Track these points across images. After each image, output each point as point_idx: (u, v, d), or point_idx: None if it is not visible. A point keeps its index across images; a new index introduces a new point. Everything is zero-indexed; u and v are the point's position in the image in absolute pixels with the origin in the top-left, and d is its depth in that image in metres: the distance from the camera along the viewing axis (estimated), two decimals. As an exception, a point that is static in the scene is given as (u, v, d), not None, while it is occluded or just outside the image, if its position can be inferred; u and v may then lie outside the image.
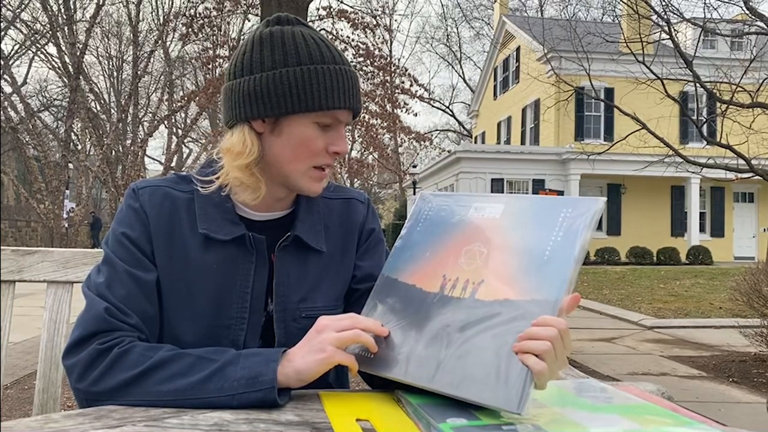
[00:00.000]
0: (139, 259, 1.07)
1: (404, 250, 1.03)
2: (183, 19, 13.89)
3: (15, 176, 22.56)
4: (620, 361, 6.24)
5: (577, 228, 0.88)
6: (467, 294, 0.90)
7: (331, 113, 1.08)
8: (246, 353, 0.93)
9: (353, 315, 0.96)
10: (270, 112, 1.07)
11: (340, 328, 0.92)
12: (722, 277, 13.43)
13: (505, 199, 0.98)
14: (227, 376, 0.89)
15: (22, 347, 5.98)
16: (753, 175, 7.88)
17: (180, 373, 0.91)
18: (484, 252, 0.93)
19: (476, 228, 0.97)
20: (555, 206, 0.92)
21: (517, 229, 0.93)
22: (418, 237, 1.02)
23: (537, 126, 23.42)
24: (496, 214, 0.96)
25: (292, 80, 1.06)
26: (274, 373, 0.88)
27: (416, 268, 0.99)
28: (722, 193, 21.98)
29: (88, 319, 0.99)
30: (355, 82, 1.12)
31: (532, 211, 0.93)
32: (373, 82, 13.07)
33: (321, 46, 1.10)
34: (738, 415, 4.45)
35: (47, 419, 0.82)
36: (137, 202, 1.11)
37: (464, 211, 1.00)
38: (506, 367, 0.81)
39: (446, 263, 0.96)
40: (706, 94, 8.21)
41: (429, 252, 0.99)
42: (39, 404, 1.36)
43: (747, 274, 6.15)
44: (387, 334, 0.93)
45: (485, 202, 0.99)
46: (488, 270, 0.91)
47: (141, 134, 20.69)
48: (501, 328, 0.85)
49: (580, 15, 29.30)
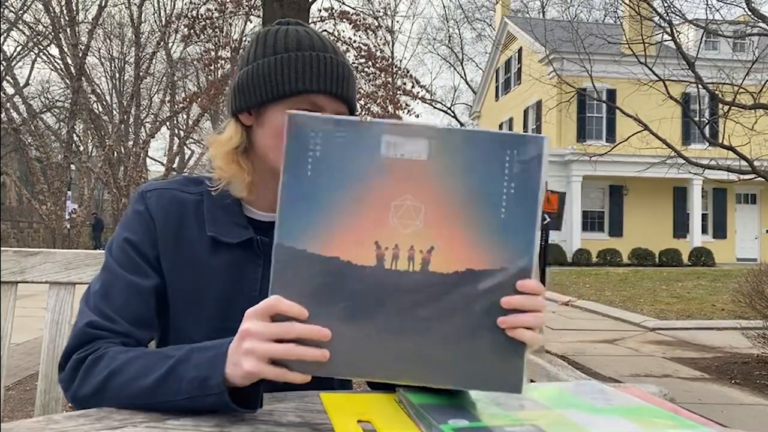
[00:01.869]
0: (139, 264, 1.07)
1: (298, 205, 0.76)
2: (185, 20, 13.88)
3: (17, 177, 22.57)
4: (622, 362, 6.23)
5: (533, 177, 0.75)
6: (417, 266, 0.75)
7: (306, 97, 1.07)
8: (200, 347, 0.86)
9: (287, 323, 0.76)
10: (249, 102, 1.10)
11: (269, 337, 0.76)
12: (724, 278, 13.40)
13: (425, 131, 0.75)
14: (180, 376, 0.83)
15: (23, 348, 5.99)
16: (755, 176, 7.87)
17: (141, 374, 0.87)
18: (420, 208, 0.75)
19: (399, 174, 0.75)
20: (496, 143, 0.75)
21: (456, 176, 0.75)
22: (312, 186, 0.75)
23: (539, 127, 23.40)
24: (422, 154, 0.74)
25: (266, 69, 1.08)
26: (221, 376, 0.80)
27: (329, 233, 0.75)
28: (724, 195, 21.96)
29: (71, 336, 1.01)
30: (338, 68, 1.09)
31: (470, 151, 0.75)
32: (375, 83, 13.07)
33: (304, 37, 1.10)
34: (741, 416, 4.44)
35: (49, 420, 0.82)
36: (143, 206, 1.11)
37: (372, 147, 0.75)
38: (497, 347, 0.76)
39: (373, 225, 0.75)
40: (708, 95, 8.20)
41: (339, 209, 0.75)
42: (41, 405, 1.36)
43: (749, 275, 6.14)
44: (329, 337, 0.75)
45: (399, 134, 0.75)
46: (434, 232, 0.75)
47: (143, 135, 20.70)
48: (476, 305, 0.75)
49: (582, 16, 29.33)
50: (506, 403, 0.85)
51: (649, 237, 20.73)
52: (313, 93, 1.07)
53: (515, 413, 0.81)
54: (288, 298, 0.76)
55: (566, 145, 20.82)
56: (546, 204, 6.21)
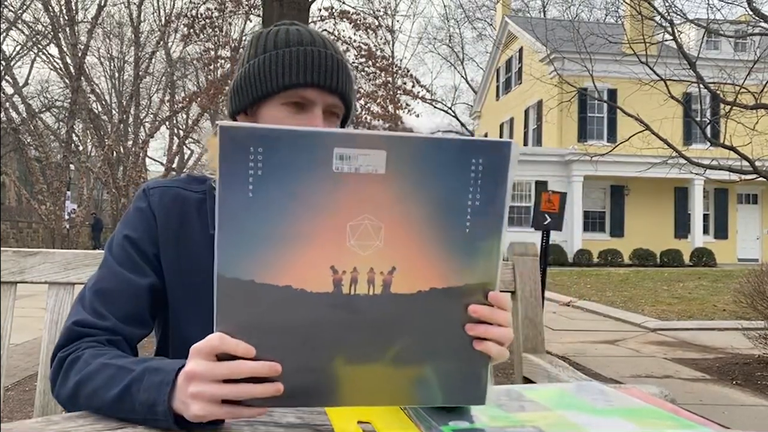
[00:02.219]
0: (137, 262, 1.06)
1: (239, 231, 0.67)
2: (184, 19, 13.90)
3: (16, 177, 22.60)
4: (623, 363, 6.23)
5: (500, 186, 0.70)
6: (378, 289, 0.70)
7: (295, 92, 1.07)
8: (151, 367, 0.83)
9: (235, 363, 0.71)
10: (243, 103, 1.11)
11: (216, 378, 0.72)
12: (726, 279, 13.41)
13: (382, 141, 0.67)
14: (133, 396, 0.81)
15: (23, 349, 5.99)
16: (757, 176, 7.86)
17: (103, 386, 0.85)
18: (380, 227, 0.68)
19: (355, 190, 0.67)
20: (460, 151, 0.69)
21: (418, 190, 0.68)
22: (254, 208, 0.66)
23: (540, 127, 23.41)
24: (379, 168, 0.67)
25: (256, 68, 1.09)
26: (165, 404, 0.77)
27: (279, 260, 0.68)
28: (726, 195, 21.96)
29: (60, 332, 1.01)
30: (327, 60, 1.09)
31: (432, 161, 0.68)
32: (375, 83, 13.07)
33: (294, 34, 1.10)
34: (742, 417, 4.43)
35: (48, 421, 0.81)
36: (145, 203, 1.11)
37: (323, 162, 0.66)
38: (460, 362, 0.74)
39: (327, 249, 0.68)
40: (709, 95, 8.19)
41: (288, 232, 0.67)
42: (40, 406, 1.35)
43: (751, 275, 6.13)
44: (280, 371, 0.70)
45: (354, 146, 0.66)
46: (395, 252, 0.69)
47: (142, 135, 20.71)
48: (439, 323, 0.72)
49: (583, 16, 29.32)
50: (507, 405, 0.85)
51: (650, 237, 20.73)
52: (301, 87, 1.07)
53: (516, 414, 0.81)
54: (235, 333, 0.70)
55: (567, 145, 20.82)
56: (547, 204, 6.21)
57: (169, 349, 1.13)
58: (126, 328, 1.02)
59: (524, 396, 0.90)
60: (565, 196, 6.38)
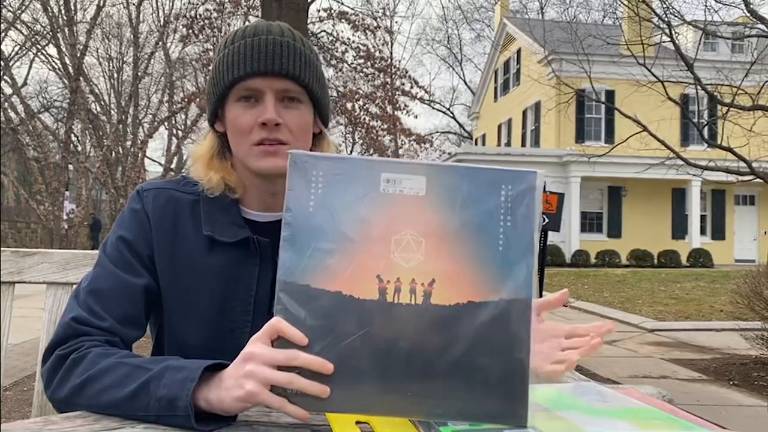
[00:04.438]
0: (131, 263, 1.06)
1: (300, 241, 0.76)
2: (183, 20, 13.89)
3: (15, 177, 22.55)
4: (621, 364, 6.24)
5: (529, 211, 0.77)
6: (419, 299, 0.75)
7: (243, 84, 1.06)
8: (173, 366, 0.85)
9: (292, 350, 0.75)
10: (210, 109, 1.12)
11: (272, 362, 0.75)
12: (723, 279, 13.43)
13: (423, 168, 0.77)
14: (150, 393, 0.82)
15: (21, 349, 5.98)
16: (754, 177, 7.86)
17: (114, 384, 0.86)
18: (421, 242, 0.76)
19: (399, 209, 0.76)
20: (491, 180, 0.77)
21: (454, 211, 0.77)
22: (314, 222, 0.77)
23: (538, 128, 23.42)
24: (420, 190, 0.76)
25: (213, 72, 1.10)
26: (188, 399, 0.79)
27: (331, 269, 0.76)
28: (723, 196, 21.99)
29: (57, 329, 1.00)
30: (274, 46, 1.06)
31: (467, 187, 0.77)
32: (374, 83, 13.08)
33: (250, 27, 1.10)
34: (739, 418, 4.44)
35: (46, 421, 0.81)
36: (139, 204, 1.11)
37: (372, 185, 0.77)
38: (499, 377, 0.75)
39: (374, 259, 0.76)
40: (707, 96, 8.20)
41: (340, 244, 0.76)
42: (38, 406, 1.35)
43: (748, 276, 6.14)
44: (332, 371, 0.75)
45: (398, 171, 0.77)
46: (435, 265, 0.76)
47: (141, 136, 20.65)
48: (478, 336, 0.75)
49: (581, 17, 29.31)
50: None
51: (647, 238, 20.75)
52: (246, 78, 1.06)
53: (514, 415, 0.81)
54: None
55: (565, 146, 20.84)
56: (545, 205, 6.21)
57: (164, 349, 1.13)
58: (123, 329, 1.02)
59: (529, 428, 0.90)
60: (562, 196, 6.38)
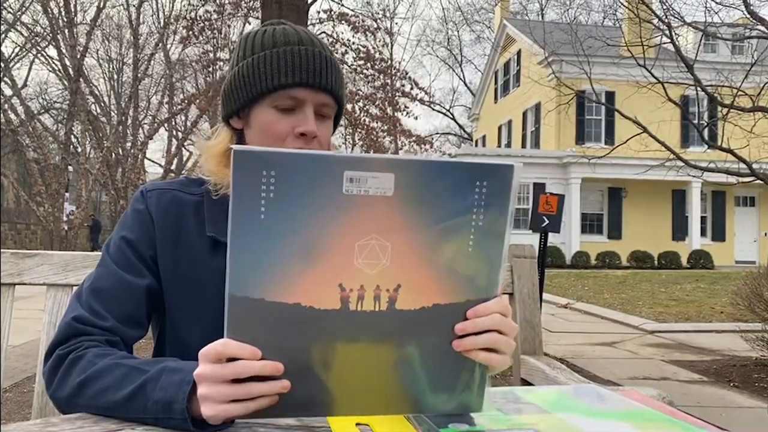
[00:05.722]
0: (134, 263, 1.06)
1: (251, 251, 0.68)
2: (183, 21, 13.90)
3: (15, 179, 22.55)
4: (621, 365, 6.23)
5: (502, 208, 0.72)
6: (383, 305, 0.72)
7: (285, 92, 1.07)
8: (170, 367, 0.83)
9: (241, 363, 0.71)
10: (235, 106, 1.11)
11: (221, 379, 0.72)
12: (723, 281, 13.42)
13: (391, 164, 0.68)
14: (147, 395, 0.81)
15: (21, 350, 5.97)
16: (754, 179, 7.87)
17: (112, 386, 0.86)
18: (387, 246, 0.70)
19: (363, 212, 0.68)
20: (465, 175, 0.70)
21: (424, 211, 0.70)
22: (266, 229, 0.67)
23: (538, 129, 23.43)
24: (387, 190, 0.68)
25: (246, 70, 1.09)
26: (184, 402, 0.77)
27: (289, 279, 0.69)
28: (723, 197, 21.99)
29: (58, 328, 1.00)
30: (315, 59, 1.08)
31: (438, 184, 0.70)
32: (374, 85, 13.10)
33: (280, 34, 1.10)
34: (739, 419, 4.44)
35: (46, 423, 0.81)
36: (143, 205, 1.11)
37: (333, 185, 0.67)
38: (458, 373, 0.77)
39: (336, 268, 0.70)
40: (707, 97, 8.21)
41: (298, 252, 0.69)
42: (38, 408, 1.35)
43: (748, 278, 6.13)
44: (282, 370, 0.72)
45: (363, 168, 0.67)
46: (401, 270, 0.71)
47: (141, 137, 20.70)
48: (441, 337, 0.75)
49: (581, 18, 29.37)
50: (505, 407, 0.85)
51: (648, 239, 20.75)
52: (291, 87, 1.07)
53: (514, 417, 0.81)
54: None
55: (565, 147, 20.85)
56: (545, 206, 6.21)
57: (166, 351, 1.13)
58: (124, 329, 1.02)
59: (522, 398, 0.90)
60: (563, 198, 6.37)
